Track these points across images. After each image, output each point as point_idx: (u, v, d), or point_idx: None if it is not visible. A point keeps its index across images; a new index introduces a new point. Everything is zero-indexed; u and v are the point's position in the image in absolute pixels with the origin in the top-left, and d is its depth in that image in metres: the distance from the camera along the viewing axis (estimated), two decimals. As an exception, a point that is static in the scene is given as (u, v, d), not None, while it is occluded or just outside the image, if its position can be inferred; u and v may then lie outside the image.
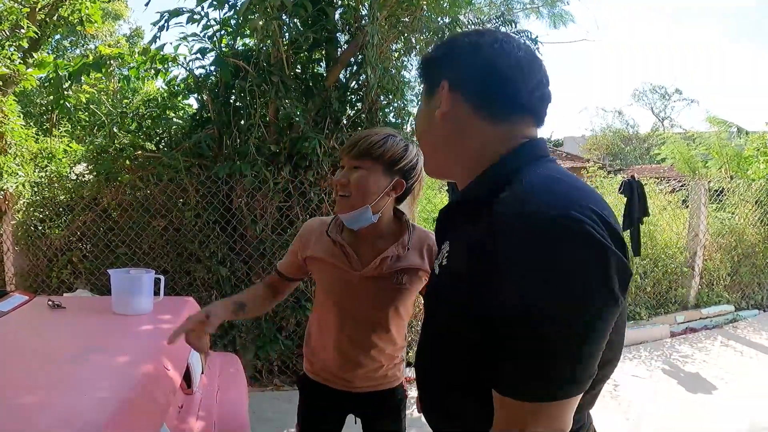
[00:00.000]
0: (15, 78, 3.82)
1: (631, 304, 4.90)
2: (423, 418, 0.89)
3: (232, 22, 3.34)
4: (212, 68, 3.46)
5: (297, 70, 3.60)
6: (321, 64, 3.68)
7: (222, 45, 3.47)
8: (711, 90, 57.35)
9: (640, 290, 5.05)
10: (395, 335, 1.37)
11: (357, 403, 1.43)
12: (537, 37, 4.13)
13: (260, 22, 2.91)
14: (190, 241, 3.47)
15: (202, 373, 2.01)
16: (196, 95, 3.70)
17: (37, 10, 4.01)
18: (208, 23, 3.22)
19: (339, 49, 3.60)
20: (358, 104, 3.59)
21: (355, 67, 3.56)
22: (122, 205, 3.63)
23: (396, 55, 3.61)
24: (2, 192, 3.82)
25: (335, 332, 1.35)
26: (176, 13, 3.02)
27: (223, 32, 3.34)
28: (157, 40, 3.11)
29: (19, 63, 3.75)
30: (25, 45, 3.94)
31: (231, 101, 3.40)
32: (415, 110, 2.44)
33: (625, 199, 4.77)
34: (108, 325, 1.92)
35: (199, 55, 3.32)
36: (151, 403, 1.30)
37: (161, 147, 3.78)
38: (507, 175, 0.70)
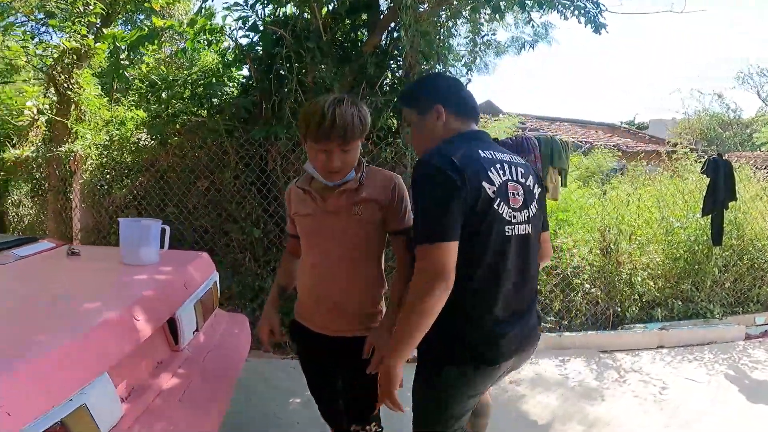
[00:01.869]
0: (88, 52, 4.00)
1: (703, 300, 4.22)
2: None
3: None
4: (256, 37, 3.37)
5: (337, 36, 3.42)
6: (363, 30, 3.46)
7: (264, 14, 3.36)
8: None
9: (717, 285, 4.33)
10: (362, 271, 1.47)
11: (335, 350, 1.49)
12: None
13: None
14: (228, 201, 3.50)
15: (197, 330, 1.92)
16: (246, 64, 3.65)
17: None
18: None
19: (381, 15, 3.36)
20: (397, 70, 3.33)
21: (394, 33, 3.30)
22: (172, 167, 3.72)
23: (442, 20, 3.27)
24: (73, 154, 4.07)
25: (309, 270, 1.52)
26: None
27: (265, 1, 3.22)
28: (203, 10, 3.06)
29: (91, 38, 3.92)
30: (96, 21, 4.11)
31: (273, 68, 3.29)
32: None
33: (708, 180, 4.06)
34: (104, 273, 1.91)
35: (241, 25, 3.23)
36: (89, 351, 1.19)
37: (212, 113, 3.80)
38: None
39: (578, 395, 2.63)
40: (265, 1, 3.34)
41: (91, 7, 3.82)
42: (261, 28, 3.07)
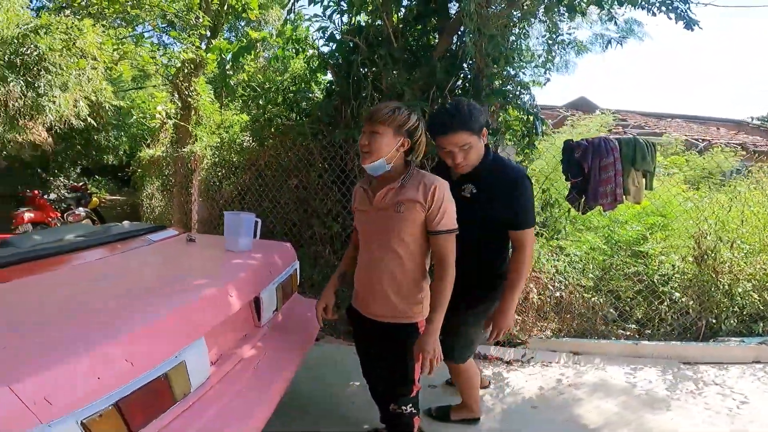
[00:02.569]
0: (202, 62, 4.64)
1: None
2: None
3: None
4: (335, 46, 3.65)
5: (409, 42, 3.57)
6: (434, 35, 3.57)
7: (342, 23, 3.62)
8: None
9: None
10: (406, 264, 1.63)
11: (379, 334, 1.71)
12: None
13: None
14: (313, 198, 3.85)
15: (276, 310, 2.22)
16: (328, 71, 3.96)
17: (209, 1, 4.81)
18: (328, 3, 3.38)
19: (451, 19, 3.44)
20: (470, 72, 3.38)
21: (464, 37, 3.35)
22: (269, 166, 4.18)
23: (513, 21, 3.25)
24: (193, 154, 4.75)
25: (360, 260, 1.76)
26: (298, -5, 3.27)
27: (342, 10, 3.47)
28: (288, 22, 3.40)
29: (204, 48, 4.54)
30: (203, 32, 4.74)
31: (350, 74, 3.56)
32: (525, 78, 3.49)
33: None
34: (211, 257, 2.27)
35: (321, 34, 3.53)
36: (192, 317, 1.51)
37: (300, 117, 4.19)
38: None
39: (641, 403, 2.52)
40: (342, 12, 3.58)
41: (200, 20, 4.41)
42: (338, 37, 3.31)
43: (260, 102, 4.05)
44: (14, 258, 1.81)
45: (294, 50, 3.93)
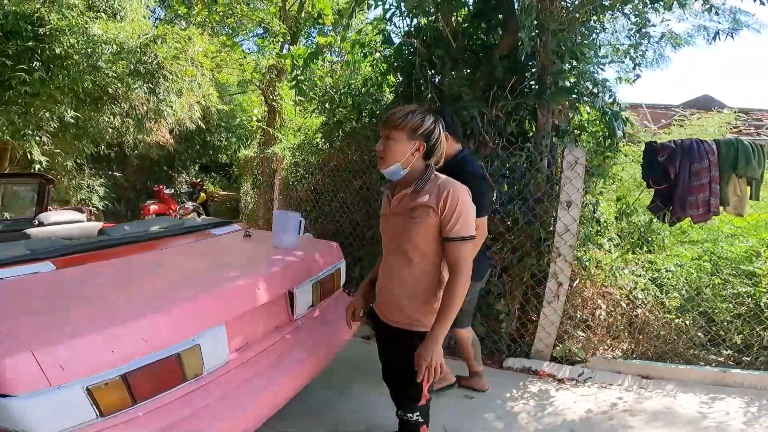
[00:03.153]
0: (283, 68, 4.97)
1: None
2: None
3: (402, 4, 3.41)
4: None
5: (472, 42, 3.45)
6: (496, 34, 3.40)
7: (404, 26, 3.61)
8: None
9: None
10: (420, 271, 1.60)
11: (391, 337, 1.70)
12: None
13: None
14: (374, 198, 3.90)
15: (313, 306, 2.30)
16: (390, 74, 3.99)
17: (287, 9, 5.11)
18: (389, 5, 3.40)
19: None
20: (539, 71, 3.16)
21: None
22: (338, 167, 4.35)
23: (588, 15, 2.95)
24: (275, 155, 5.11)
25: (381, 265, 1.77)
26: (360, 1, 3.32)
27: (401, 12, 3.46)
28: (349, 27, 3.48)
29: (285, 53, 4.85)
30: (283, 39, 5.06)
31: (412, 76, 3.54)
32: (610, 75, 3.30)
33: None
34: (257, 252, 2.43)
35: (381, 37, 3.55)
36: (213, 305, 1.65)
37: (366, 119, 4.28)
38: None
39: (705, 436, 2.15)
40: (402, 14, 3.56)
41: (277, 29, 4.72)
42: (399, 40, 3.31)
43: (328, 105, 4.22)
44: (96, 245, 2.11)
45: (362, 54, 4.03)
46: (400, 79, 3.76)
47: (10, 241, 2.68)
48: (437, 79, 3.43)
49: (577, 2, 2.88)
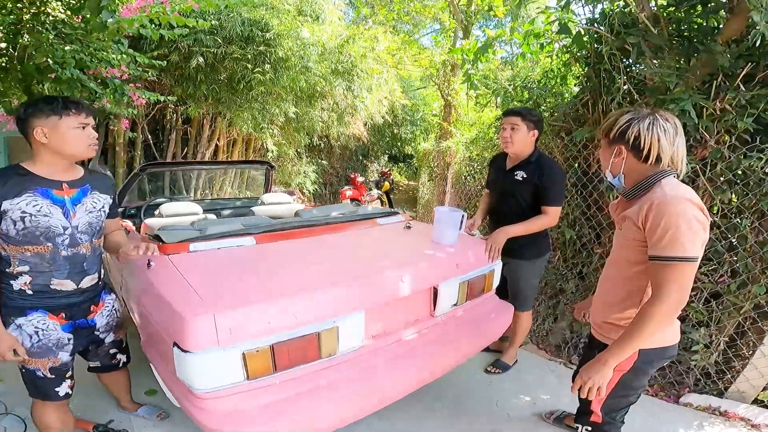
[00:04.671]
0: (455, 63, 4.89)
1: None
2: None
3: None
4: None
5: (680, 26, 2.78)
6: (717, 16, 2.65)
7: (585, 13, 3.11)
8: None
9: None
10: (618, 284, 1.51)
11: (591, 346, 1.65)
12: None
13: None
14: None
15: (456, 305, 2.25)
16: (571, 65, 3.54)
17: (456, 3, 4.89)
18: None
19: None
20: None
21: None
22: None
23: None
24: (449, 149, 5.14)
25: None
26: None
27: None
28: (518, 17, 3.17)
29: (454, 49, 4.75)
30: (454, 34, 4.93)
31: (599, 67, 3.07)
32: None
33: None
34: (412, 245, 2.45)
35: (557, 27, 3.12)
36: (357, 293, 1.76)
37: (550, 113, 3.89)
38: None
39: None
40: (582, 1, 3.08)
41: (446, 23, 4.62)
42: (578, 29, 2.88)
43: (500, 100, 3.97)
44: (288, 225, 2.43)
45: (539, 45, 3.65)
46: (584, 70, 3.31)
47: (239, 216, 3.37)
48: (631, 70, 2.90)
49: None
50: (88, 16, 2.59)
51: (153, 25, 3.45)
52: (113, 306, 1.92)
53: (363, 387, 1.68)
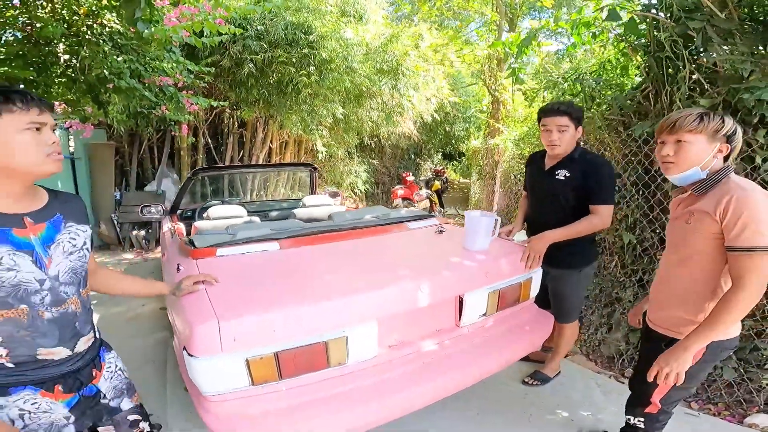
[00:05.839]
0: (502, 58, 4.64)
1: None
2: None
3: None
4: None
5: (756, 9, 2.42)
6: None
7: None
8: None
9: None
10: (689, 280, 1.50)
11: (645, 336, 1.72)
12: None
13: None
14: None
15: (485, 315, 2.10)
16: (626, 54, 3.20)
17: None
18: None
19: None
20: None
21: None
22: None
23: None
24: (497, 147, 4.91)
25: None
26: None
27: None
28: (562, 5, 2.89)
29: (495, 42, 4.48)
30: (498, 28, 4.65)
31: (659, 56, 2.75)
32: None
33: None
34: (440, 251, 2.33)
35: (605, 13, 2.82)
36: (369, 302, 1.69)
37: (609, 107, 3.57)
38: None
39: None
40: None
41: (488, 16, 4.37)
42: (616, 13, 2.59)
43: (548, 94, 3.69)
44: (313, 231, 2.41)
45: (590, 34, 3.33)
46: (644, 59, 2.98)
47: (282, 219, 3.41)
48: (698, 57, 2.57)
49: None
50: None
51: (194, 34, 3.60)
52: (116, 365, 1.40)
53: (375, 397, 1.61)
